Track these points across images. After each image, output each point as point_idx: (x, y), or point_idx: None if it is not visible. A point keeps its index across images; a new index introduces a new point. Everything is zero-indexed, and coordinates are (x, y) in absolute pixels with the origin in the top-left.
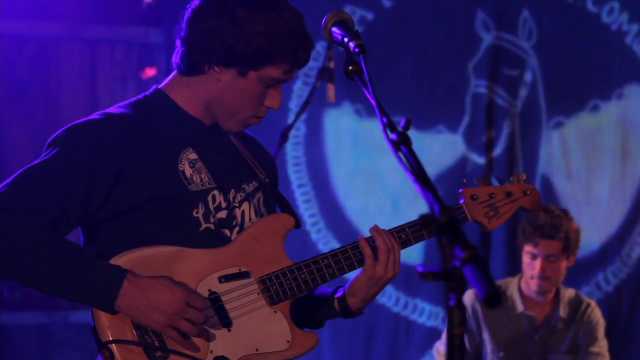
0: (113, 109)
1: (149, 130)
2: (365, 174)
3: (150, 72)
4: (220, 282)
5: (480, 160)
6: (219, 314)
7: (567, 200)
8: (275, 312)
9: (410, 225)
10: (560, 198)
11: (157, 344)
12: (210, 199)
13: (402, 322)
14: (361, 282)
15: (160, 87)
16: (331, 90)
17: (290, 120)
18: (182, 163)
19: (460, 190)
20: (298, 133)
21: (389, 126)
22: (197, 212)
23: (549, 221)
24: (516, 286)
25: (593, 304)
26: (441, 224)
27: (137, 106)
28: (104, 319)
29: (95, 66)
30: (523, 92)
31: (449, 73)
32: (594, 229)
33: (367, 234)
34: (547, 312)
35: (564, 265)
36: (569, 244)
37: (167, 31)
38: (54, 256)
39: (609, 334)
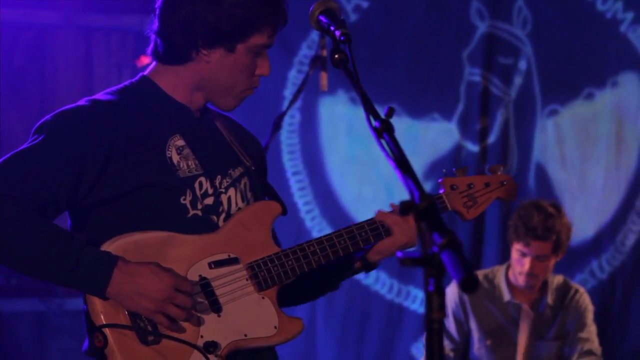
0: (100, 95)
1: (136, 117)
2: (360, 161)
3: (145, 60)
4: (210, 267)
5: (474, 148)
6: (208, 299)
7: (561, 188)
8: (263, 297)
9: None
10: (554, 186)
11: (149, 328)
12: (197, 185)
13: (395, 308)
14: (385, 243)
15: (145, 74)
16: (324, 78)
17: (284, 108)
18: (170, 149)
19: (440, 180)
20: (293, 120)
21: (373, 114)
22: (185, 199)
23: (542, 222)
24: (503, 274)
25: (581, 289)
26: (420, 210)
27: (123, 92)
28: (97, 303)
29: (90, 54)
30: (517, 80)
31: (444, 61)
32: (588, 217)
33: (362, 221)
34: (534, 299)
35: (552, 262)
36: (560, 243)
37: None
38: (45, 243)
39: (602, 321)
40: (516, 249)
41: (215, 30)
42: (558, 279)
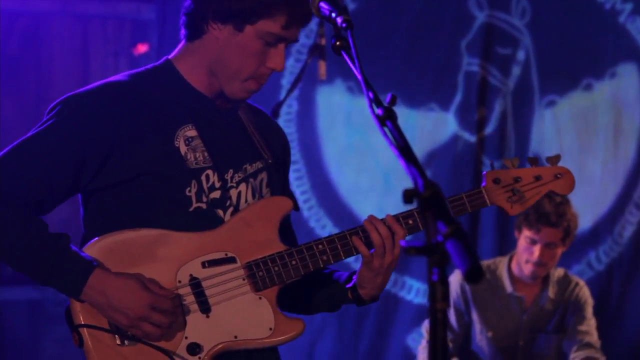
0: (115, 77)
1: (149, 102)
2: (357, 150)
3: (142, 48)
4: (204, 266)
5: (471, 138)
6: (198, 299)
7: None
8: (260, 298)
9: (419, 211)
10: None
11: (128, 331)
12: (203, 177)
13: (391, 299)
14: (364, 275)
15: (169, 57)
16: (322, 67)
17: (282, 97)
18: (178, 139)
19: (484, 173)
20: (290, 110)
21: (375, 101)
22: (190, 191)
23: (554, 209)
24: (505, 266)
25: (581, 282)
26: (424, 199)
27: (141, 76)
28: (76, 302)
29: (87, 42)
30: (516, 71)
31: (442, 51)
32: (586, 208)
33: (358, 211)
34: (536, 293)
35: (560, 251)
36: (569, 231)
37: (159, 7)
38: (28, 246)
39: (599, 313)
40: (525, 236)
41: (224, 5)
42: (559, 272)
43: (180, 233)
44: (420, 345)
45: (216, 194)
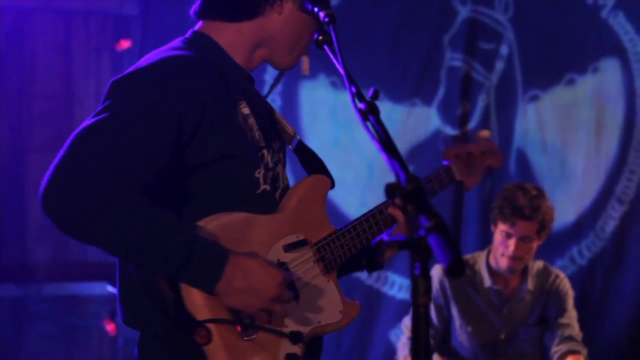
0: (176, 52)
1: (216, 77)
2: (341, 145)
3: (124, 44)
4: (285, 250)
5: (454, 133)
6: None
7: (541, 174)
8: (328, 280)
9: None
10: (535, 171)
11: (247, 320)
12: (262, 158)
13: (374, 294)
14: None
15: (197, 29)
16: (305, 62)
17: (265, 92)
18: (239, 117)
19: (442, 149)
20: (273, 105)
21: (358, 96)
22: (259, 172)
23: (529, 202)
24: (484, 260)
25: (561, 274)
26: (407, 193)
27: (195, 48)
28: (198, 295)
29: (69, 38)
30: (499, 65)
31: (425, 46)
32: (568, 203)
33: (343, 206)
34: (515, 285)
35: (535, 244)
36: (544, 225)
37: (142, 3)
38: (155, 234)
39: (582, 307)
40: (501, 230)
41: None
42: (538, 265)
43: (260, 216)
44: (400, 341)
45: (271, 174)
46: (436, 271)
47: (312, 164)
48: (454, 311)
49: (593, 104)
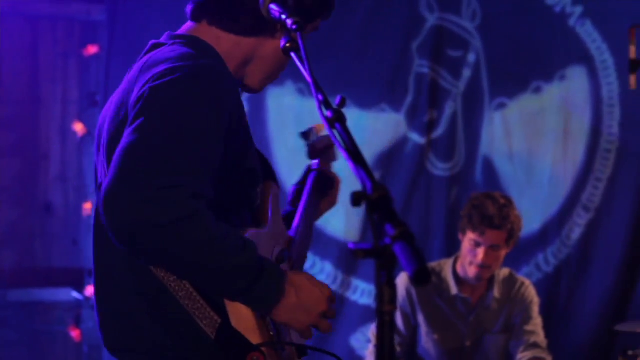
0: (203, 60)
1: (236, 86)
2: None
3: (91, 50)
4: (279, 262)
5: (420, 140)
6: None
7: (508, 182)
8: None
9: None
10: (501, 179)
11: (304, 334)
12: None
13: (336, 299)
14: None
15: (193, 34)
16: None
17: None
18: (248, 129)
19: (308, 149)
20: None
21: (324, 103)
22: (259, 187)
23: (498, 211)
24: (450, 268)
25: (527, 282)
26: (372, 201)
27: (207, 57)
28: (249, 318)
29: (36, 43)
30: (466, 73)
31: (393, 52)
32: (534, 210)
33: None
34: (481, 293)
35: (504, 253)
36: (513, 233)
37: (110, 8)
38: (224, 255)
39: (547, 314)
40: (469, 238)
41: (308, 8)
42: (504, 272)
43: (261, 231)
44: (368, 350)
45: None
46: (403, 279)
47: (265, 169)
48: (421, 319)
49: (560, 111)
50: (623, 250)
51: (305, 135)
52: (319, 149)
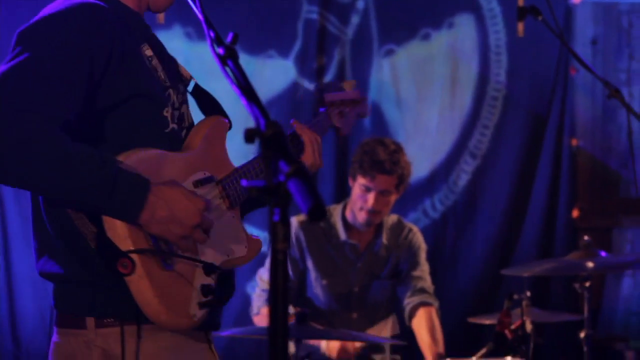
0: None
1: (116, 20)
2: None
3: None
4: (195, 187)
5: (310, 86)
6: None
7: (396, 128)
8: (233, 217)
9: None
10: (389, 126)
11: (167, 250)
12: (169, 97)
13: None
14: None
15: None
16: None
17: None
18: (143, 59)
19: (318, 96)
20: None
21: (216, 40)
22: (167, 111)
23: (388, 157)
24: (339, 214)
25: (415, 228)
26: (266, 138)
27: None
28: (121, 227)
29: None
30: (354, 19)
31: None
32: (422, 157)
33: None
34: (370, 239)
35: (393, 198)
36: (403, 179)
37: None
38: (79, 168)
39: (434, 259)
40: (360, 184)
41: None
42: (392, 218)
43: (172, 153)
44: (255, 293)
45: (177, 114)
46: (292, 224)
47: (211, 106)
48: (310, 264)
49: (448, 59)
50: (508, 196)
51: (328, 86)
52: (331, 101)
